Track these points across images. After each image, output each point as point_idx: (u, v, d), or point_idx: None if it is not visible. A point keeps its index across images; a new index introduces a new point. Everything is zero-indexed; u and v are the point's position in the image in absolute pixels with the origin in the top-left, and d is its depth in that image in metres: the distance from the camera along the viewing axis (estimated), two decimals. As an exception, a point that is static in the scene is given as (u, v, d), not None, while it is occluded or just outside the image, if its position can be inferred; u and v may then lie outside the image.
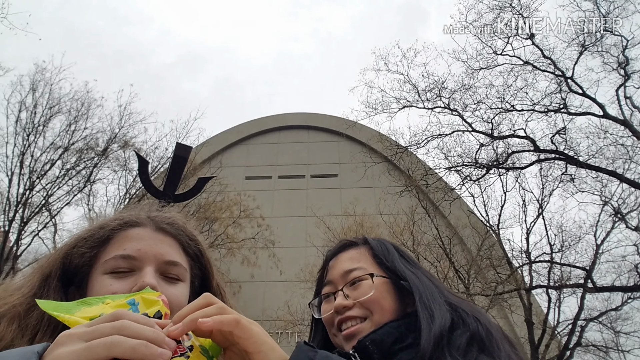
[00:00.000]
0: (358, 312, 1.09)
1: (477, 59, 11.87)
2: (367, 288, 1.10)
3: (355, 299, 1.10)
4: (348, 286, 1.13)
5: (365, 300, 1.09)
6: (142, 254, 0.87)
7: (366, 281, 1.12)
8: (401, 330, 1.01)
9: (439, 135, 12.16)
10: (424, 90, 12.28)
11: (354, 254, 1.22)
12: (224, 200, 15.51)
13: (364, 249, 1.23)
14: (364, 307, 1.09)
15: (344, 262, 1.20)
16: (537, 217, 12.32)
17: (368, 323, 1.07)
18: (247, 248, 15.87)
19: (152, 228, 0.94)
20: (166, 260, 0.90)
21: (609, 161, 10.84)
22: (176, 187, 4.04)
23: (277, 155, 21.58)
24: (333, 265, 1.22)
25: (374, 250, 1.21)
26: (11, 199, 12.52)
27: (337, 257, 1.23)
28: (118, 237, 0.91)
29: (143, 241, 0.90)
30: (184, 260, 0.95)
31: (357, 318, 1.09)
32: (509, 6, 11.27)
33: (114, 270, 0.86)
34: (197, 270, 1.00)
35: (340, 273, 1.17)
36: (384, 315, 1.07)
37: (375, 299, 1.09)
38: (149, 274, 0.84)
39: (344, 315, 1.10)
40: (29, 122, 13.22)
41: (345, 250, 1.24)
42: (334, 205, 17.50)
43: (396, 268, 1.15)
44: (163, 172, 13.36)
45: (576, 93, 11.05)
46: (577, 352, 11.41)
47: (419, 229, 12.61)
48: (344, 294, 1.12)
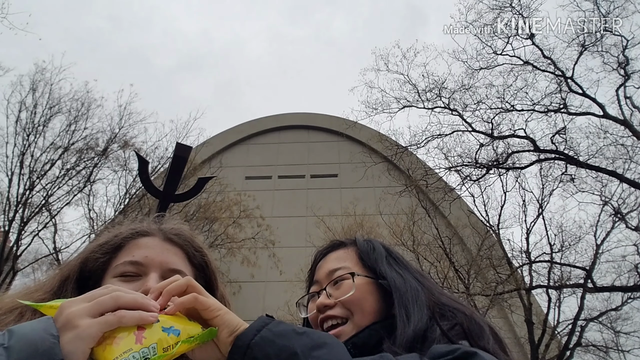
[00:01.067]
0: (339, 311, 1.08)
1: (477, 59, 11.89)
2: (348, 287, 1.10)
3: (336, 298, 1.10)
4: (331, 285, 1.14)
5: (345, 299, 1.08)
6: (148, 260, 0.95)
7: (347, 280, 1.11)
8: (382, 333, 1.00)
9: (439, 135, 12.17)
10: (424, 90, 12.29)
11: (341, 254, 1.22)
12: (224, 200, 15.50)
13: (351, 249, 1.23)
14: (345, 307, 1.08)
15: (331, 262, 1.20)
16: (537, 217, 12.32)
17: (349, 325, 1.06)
18: (247, 248, 15.87)
19: (160, 238, 1.02)
20: (170, 268, 0.96)
21: (609, 161, 10.85)
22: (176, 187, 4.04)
23: (277, 155, 21.57)
24: (321, 265, 1.23)
25: (360, 250, 1.21)
26: (11, 199, 12.53)
27: (325, 258, 1.24)
28: (129, 245, 0.99)
29: (151, 249, 0.98)
30: (189, 270, 1.01)
31: (337, 317, 1.08)
32: (509, 6, 11.29)
33: (122, 274, 0.94)
34: (202, 282, 1.03)
35: (326, 273, 1.17)
36: (364, 316, 1.06)
37: (355, 298, 1.08)
38: (153, 279, 0.91)
39: (325, 314, 1.10)
40: (29, 122, 13.23)
41: (334, 251, 1.25)
42: (334, 205, 17.49)
43: (378, 267, 1.14)
44: (163, 172, 13.36)
45: (576, 93, 11.06)
46: (577, 352, 11.40)
47: (419, 229, 12.59)
48: (327, 293, 1.12)
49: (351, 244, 1.25)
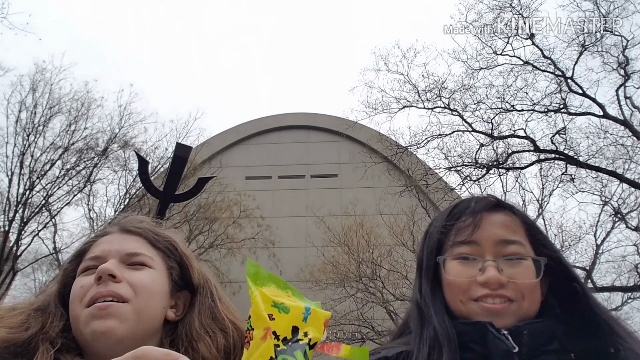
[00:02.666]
0: (511, 293, 0.97)
1: (477, 59, 11.87)
2: (529, 272, 0.99)
3: (510, 277, 0.97)
4: (504, 260, 1.00)
5: (523, 284, 0.98)
6: (106, 252, 0.97)
7: (527, 262, 1.00)
8: (553, 332, 0.94)
9: (439, 135, 12.16)
10: (424, 90, 12.28)
11: (507, 220, 1.05)
12: (224, 200, 15.50)
13: (515, 218, 1.06)
14: (518, 290, 0.97)
15: (499, 228, 1.03)
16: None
17: (515, 305, 0.97)
18: (247, 248, 15.85)
19: (118, 232, 1.04)
20: (128, 252, 0.98)
21: (609, 161, 10.85)
22: (176, 187, 4.04)
23: (277, 155, 21.58)
24: (484, 226, 1.03)
25: (531, 228, 1.06)
26: (11, 199, 12.53)
27: (488, 217, 1.04)
28: (92, 247, 1.02)
29: (108, 243, 1.00)
30: (152, 253, 1.01)
31: (506, 298, 0.97)
32: (509, 6, 11.27)
33: (84, 270, 0.96)
34: (173, 263, 1.04)
35: (495, 240, 1.01)
36: (532, 305, 0.98)
37: (534, 287, 0.99)
38: (109, 262, 0.93)
39: (496, 292, 0.97)
40: (29, 122, 13.22)
41: (497, 212, 1.06)
42: (334, 205, 17.49)
43: (563, 264, 1.04)
44: (163, 172, 13.35)
45: (576, 93, 11.06)
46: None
47: (419, 229, 12.58)
48: (497, 268, 0.99)
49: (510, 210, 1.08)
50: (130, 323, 0.88)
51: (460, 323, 0.99)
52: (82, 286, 0.92)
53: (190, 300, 1.03)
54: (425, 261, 1.11)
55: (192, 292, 1.04)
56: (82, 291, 0.91)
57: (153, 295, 0.95)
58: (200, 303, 1.01)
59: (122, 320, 0.87)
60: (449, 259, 1.05)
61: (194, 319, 0.98)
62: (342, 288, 13.03)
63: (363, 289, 12.97)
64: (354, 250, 13.46)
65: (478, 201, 1.08)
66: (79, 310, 0.89)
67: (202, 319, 0.98)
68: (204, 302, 1.02)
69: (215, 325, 0.98)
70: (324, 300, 12.97)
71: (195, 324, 0.96)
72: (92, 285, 0.90)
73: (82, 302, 0.89)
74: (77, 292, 0.92)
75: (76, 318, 0.89)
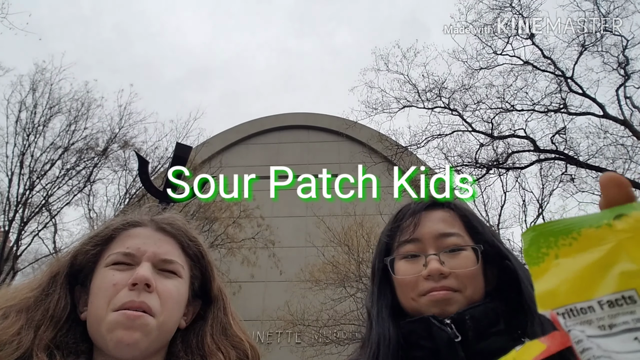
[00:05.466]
0: (454, 283, 0.99)
1: (477, 59, 11.88)
2: (468, 260, 1.01)
3: (452, 268, 1.00)
4: (444, 252, 1.02)
5: (464, 272, 1.00)
6: (141, 251, 0.93)
7: (466, 252, 1.03)
8: (497, 314, 0.96)
9: (439, 135, 12.17)
10: (424, 90, 12.28)
11: (445, 216, 1.08)
12: (223, 200, 15.49)
13: (453, 213, 1.10)
14: (459, 279, 1.00)
15: (437, 223, 1.06)
16: (537, 217, 12.32)
17: (459, 295, 0.99)
18: (247, 248, 15.85)
19: (152, 228, 1.00)
20: (163, 258, 0.94)
21: (609, 161, 10.86)
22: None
23: (277, 155, 21.57)
24: (423, 223, 1.07)
25: (467, 219, 1.09)
26: (11, 199, 12.51)
27: (427, 215, 1.09)
28: (121, 236, 0.97)
29: (143, 239, 0.95)
30: (183, 260, 0.99)
31: (450, 289, 0.99)
32: (509, 6, 11.28)
33: (115, 263, 0.92)
34: (197, 272, 1.02)
35: (434, 235, 1.04)
36: (476, 292, 1.00)
37: (475, 274, 1.01)
38: (144, 267, 0.89)
39: (439, 285, 0.99)
40: (29, 122, 13.20)
41: (434, 209, 1.10)
42: (334, 205, 17.48)
43: (496, 245, 1.06)
44: (163, 172, 13.35)
45: (576, 93, 11.06)
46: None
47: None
48: (439, 260, 1.01)
49: (447, 205, 1.11)
50: (152, 336, 0.86)
51: (407, 322, 1.00)
52: (114, 284, 0.88)
53: (200, 309, 1.02)
54: (376, 265, 1.14)
55: (205, 302, 1.03)
56: (114, 290, 0.87)
57: (176, 309, 0.93)
58: (213, 316, 1.00)
59: (147, 333, 0.85)
60: (397, 259, 1.07)
61: (205, 331, 0.97)
62: (342, 288, 13.03)
63: (363, 289, 12.96)
64: (354, 250, 13.45)
65: (417, 202, 1.13)
66: (104, 310, 0.85)
67: (214, 334, 0.97)
68: (217, 315, 1.01)
69: (228, 342, 0.97)
70: (324, 300, 12.99)
71: (207, 338, 0.96)
72: (124, 287, 0.87)
73: (111, 303, 0.86)
74: (107, 289, 0.88)
75: (98, 317, 0.86)
